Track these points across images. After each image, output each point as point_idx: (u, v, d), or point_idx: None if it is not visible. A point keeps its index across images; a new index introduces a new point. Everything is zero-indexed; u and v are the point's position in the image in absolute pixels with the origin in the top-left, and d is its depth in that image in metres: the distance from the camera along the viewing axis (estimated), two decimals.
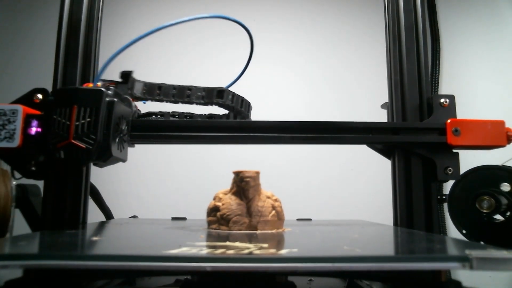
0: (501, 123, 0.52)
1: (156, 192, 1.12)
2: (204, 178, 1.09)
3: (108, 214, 0.69)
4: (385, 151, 0.57)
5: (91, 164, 0.55)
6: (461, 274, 0.39)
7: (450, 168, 0.52)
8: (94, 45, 0.57)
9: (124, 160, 0.48)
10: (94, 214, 0.61)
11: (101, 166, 0.48)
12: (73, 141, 0.41)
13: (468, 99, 1.10)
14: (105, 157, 0.43)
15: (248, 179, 0.46)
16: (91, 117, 0.42)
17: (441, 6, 1.21)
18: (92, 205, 0.57)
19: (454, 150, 0.53)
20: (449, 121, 0.51)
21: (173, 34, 1.21)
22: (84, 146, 0.41)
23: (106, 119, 0.43)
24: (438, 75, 1.15)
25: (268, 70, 1.18)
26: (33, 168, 0.49)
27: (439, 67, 1.15)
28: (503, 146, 0.51)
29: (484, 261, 0.25)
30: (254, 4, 1.24)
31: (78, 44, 0.55)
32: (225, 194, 0.48)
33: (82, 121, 0.42)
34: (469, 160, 0.58)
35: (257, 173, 0.48)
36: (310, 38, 1.22)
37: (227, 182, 0.50)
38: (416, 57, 0.56)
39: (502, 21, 1.20)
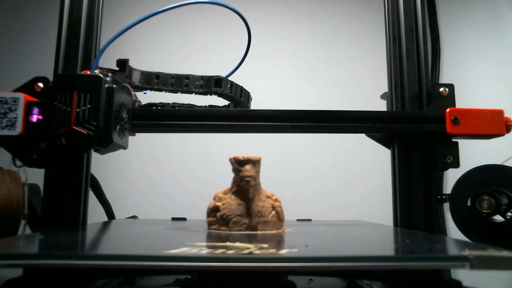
0: (500, 112, 0.52)
1: (156, 192, 1.12)
2: (204, 178, 1.09)
3: (108, 208, 0.69)
4: (384, 140, 0.57)
5: (92, 155, 0.55)
6: (461, 274, 0.39)
7: (449, 156, 0.52)
8: (95, 34, 0.57)
9: (125, 147, 0.48)
10: (94, 214, 0.61)
11: (102, 153, 0.49)
12: (74, 127, 0.41)
13: (468, 99, 1.09)
14: (106, 144, 0.43)
15: (248, 179, 0.46)
16: (91, 104, 0.42)
17: (441, 6, 1.21)
18: (92, 206, 0.56)
19: (454, 139, 0.53)
20: (448, 110, 0.51)
21: (171, 25, 1.21)
22: (85, 132, 0.42)
23: (106, 106, 0.43)
24: (438, 75, 1.15)
25: (268, 63, 1.18)
26: (35, 156, 0.49)
27: (439, 67, 1.15)
28: (502, 135, 0.51)
29: (484, 260, 0.25)
30: (254, 2, 1.24)
31: (79, 33, 0.55)
32: (225, 193, 0.48)
33: (83, 108, 0.42)
34: (469, 160, 0.58)
35: (258, 159, 0.48)
36: (310, 32, 1.22)
37: (227, 181, 0.50)
38: (416, 51, 0.56)
39: (502, 21, 1.20)
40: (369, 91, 1.15)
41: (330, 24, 1.24)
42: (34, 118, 0.46)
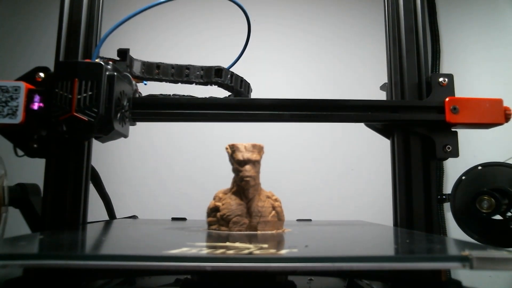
0: (499, 101, 0.52)
1: (156, 192, 1.12)
2: (204, 178, 1.09)
3: (107, 202, 0.68)
4: (384, 130, 0.57)
5: (92, 148, 0.55)
6: (461, 274, 0.39)
7: (449, 146, 0.52)
8: (96, 23, 0.57)
9: (125, 136, 0.48)
10: (94, 212, 0.61)
11: (103, 141, 0.49)
12: (75, 113, 0.42)
13: None
14: (107, 130, 0.44)
15: (248, 179, 0.46)
16: (92, 91, 0.42)
17: (441, 6, 1.21)
18: (92, 203, 0.56)
19: (453, 129, 0.53)
20: (447, 99, 0.51)
21: (172, 16, 1.21)
22: (86, 119, 0.42)
23: (107, 93, 0.43)
24: None
25: (268, 60, 1.18)
26: (35, 146, 0.49)
27: (438, 67, 1.15)
28: (501, 124, 0.51)
29: (484, 261, 0.25)
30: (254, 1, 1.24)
31: (80, 24, 0.55)
32: (225, 193, 0.48)
33: (84, 95, 0.42)
34: (469, 160, 0.58)
35: (260, 147, 0.48)
36: (311, 24, 1.22)
37: (227, 182, 0.50)
38: (415, 44, 0.56)
39: (502, 21, 1.20)
40: (368, 86, 1.15)
41: (329, 20, 1.24)
42: (35, 105, 0.46)
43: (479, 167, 0.56)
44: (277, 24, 1.23)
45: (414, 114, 0.52)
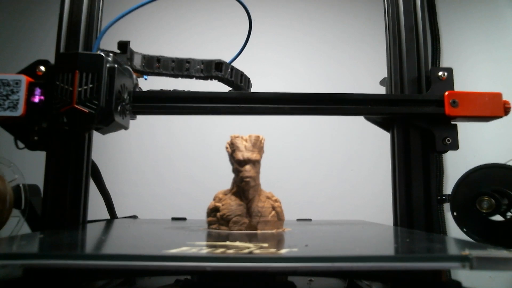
0: (499, 95, 0.52)
1: (156, 192, 1.12)
2: (205, 178, 1.09)
3: (107, 198, 0.68)
4: (384, 124, 0.58)
5: (92, 144, 0.55)
6: (461, 273, 0.39)
7: (448, 138, 0.52)
8: (97, 16, 0.57)
9: (126, 128, 0.48)
10: (95, 209, 0.60)
11: (103, 133, 0.49)
12: (76, 105, 0.42)
13: None
14: (107, 122, 0.44)
15: (248, 179, 0.46)
16: (93, 83, 0.42)
17: (441, 6, 1.21)
18: (92, 202, 0.56)
19: (453, 122, 0.53)
20: (447, 93, 0.52)
21: (173, 10, 1.20)
22: (87, 111, 0.42)
23: (108, 85, 0.43)
24: None
25: (267, 52, 1.18)
26: (36, 138, 0.50)
27: (439, 66, 1.15)
28: (500, 117, 0.51)
29: (484, 261, 0.25)
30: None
31: (80, 17, 0.55)
32: (225, 194, 0.48)
33: (85, 87, 0.42)
34: (469, 160, 0.58)
35: (260, 146, 0.48)
36: (311, 26, 1.22)
37: (228, 181, 0.49)
38: (415, 40, 0.56)
39: (502, 21, 1.20)
40: (368, 87, 1.14)
41: (328, 22, 1.24)
42: (36, 98, 0.47)
43: (479, 168, 0.56)
44: (276, 25, 1.23)
45: (414, 108, 0.53)
